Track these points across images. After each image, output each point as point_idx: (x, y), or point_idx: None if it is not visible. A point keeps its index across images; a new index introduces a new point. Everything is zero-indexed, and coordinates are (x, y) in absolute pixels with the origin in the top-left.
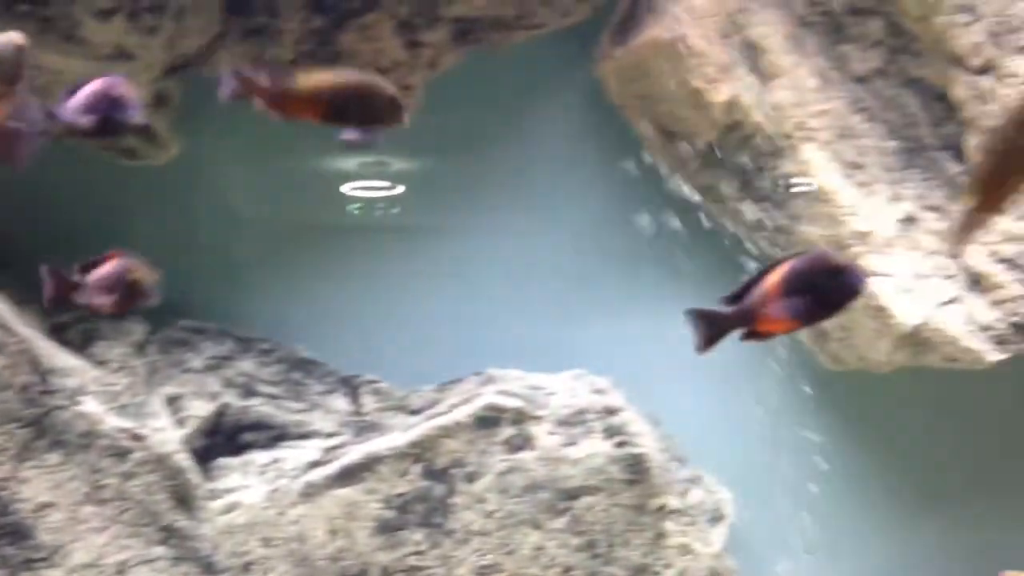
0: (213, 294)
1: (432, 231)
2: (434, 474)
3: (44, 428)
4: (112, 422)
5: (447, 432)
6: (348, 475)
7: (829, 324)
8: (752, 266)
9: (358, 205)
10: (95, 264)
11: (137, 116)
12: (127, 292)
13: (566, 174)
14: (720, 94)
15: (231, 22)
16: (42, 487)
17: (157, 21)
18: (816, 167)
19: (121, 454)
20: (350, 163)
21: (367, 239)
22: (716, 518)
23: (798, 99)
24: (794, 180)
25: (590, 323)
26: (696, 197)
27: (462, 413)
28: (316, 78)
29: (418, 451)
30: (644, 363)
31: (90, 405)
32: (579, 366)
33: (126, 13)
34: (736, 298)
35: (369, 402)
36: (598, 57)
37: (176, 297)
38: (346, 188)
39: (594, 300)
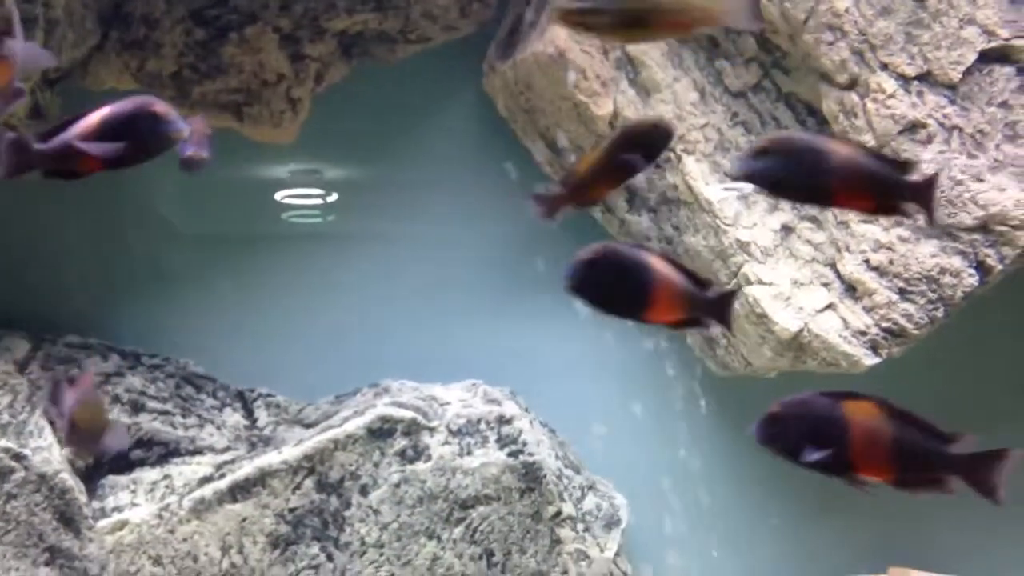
0: (137, 307)
1: (357, 239)
2: (327, 487)
3: None
4: None
5: (339, 444)
6: (239, 490)
7: (715, 331)
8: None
9: (293, 213)
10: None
11: (182, 130)
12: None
13: (465, 188)
14: (602, 107)
15: (109, 34)
16: None
17: (26, 34)
18: (696, 179)
19: (2, 474)
20: (282, 171)
21: (298, 247)
22: (611, 523)
23: (678, 113)
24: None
25: (489, 332)
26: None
27: (354, 425)
28: (590, 156)
29: (310, 464)
30: (541, 372)
31: None
32: (479, 375)
33: None
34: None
35: (263, 416)
36: (486, 71)
37: (97, 311)
38: (279, 196)
39: (494, 309)
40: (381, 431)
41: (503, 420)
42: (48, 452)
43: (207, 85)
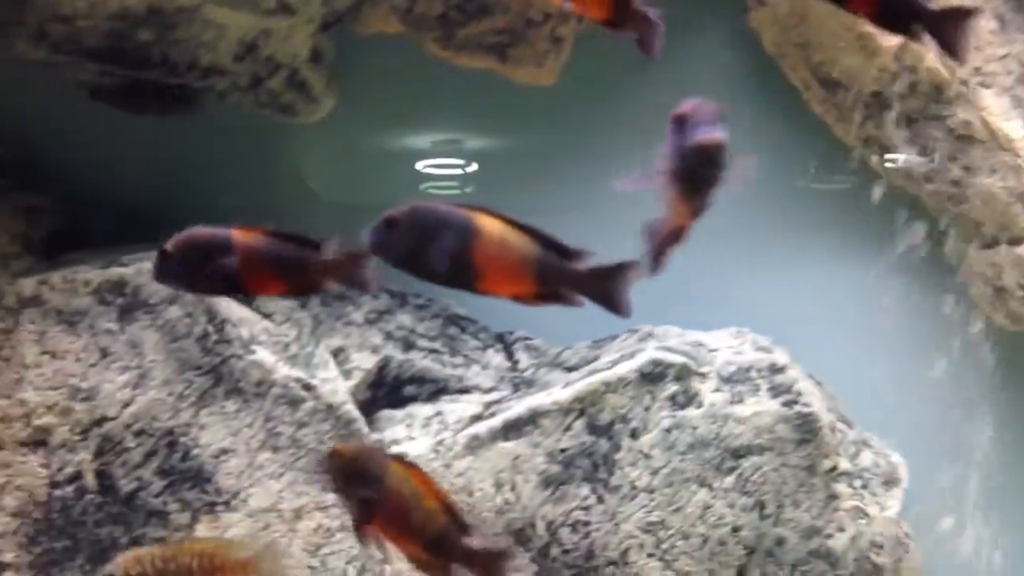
0: None
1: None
2: (598, 429)
3: (221, 376)
4: (284, 371)
5: (610, 387)
6: (512, 429)
7: (1008, 281)
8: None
9: (431, 184)
10: None
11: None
12: None
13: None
14: (890, 39)
15: None
16: (221, 433)
17: None
18: (995, 114)
19: (294, 403)
20: (423, 141)
21: None
22: (890, 481)
23: (974, 42)
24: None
25: (742, 280)
26: (858, 149)
27: (625, 368)
28: None
29: (581, 406)
30: (796, 320)
31: (263, 354)
32: (730, 323)
33: None
34: None
35: (524, 358)
36: (752, 6)
37: None
38: (420, 165)
39: (746, 257)
40: (652, 375)
41: (775, 368)
42: (334, 383)
43: (472, 26)
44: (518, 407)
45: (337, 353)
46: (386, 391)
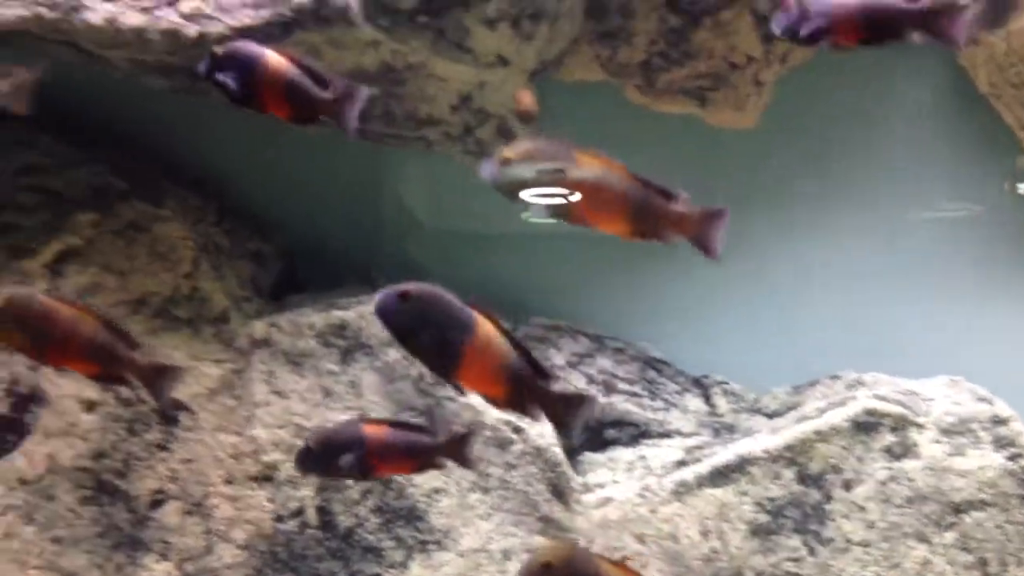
0: None
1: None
2: (808, 479)
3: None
4: (494, 414)
5: (821, 435)
6: (720, 476)
7: None
8: None
9: (531, 214)
10: None
11: None
12: None
13: (918, 168)
14: None
15: (586, 25)
16: (433, 473)
17: (535, 27)
18: None
19: (503, 445)
20: (529, 169)
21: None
22: None
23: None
24: None
25: (941, 324)
26: None
27: (837, 416)
28: None
29: (791, 454)
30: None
31: (475, 397)
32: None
33: (510, 21)
34: None
35: (721, 403)
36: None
37: None
38: (523, 194)
39: (942, 299)
40: (866, 424)
41: (997, 420)
42: (542, 426)
43: (675, 72)
44: (725, 453)
45: None
46: (588, 434)
